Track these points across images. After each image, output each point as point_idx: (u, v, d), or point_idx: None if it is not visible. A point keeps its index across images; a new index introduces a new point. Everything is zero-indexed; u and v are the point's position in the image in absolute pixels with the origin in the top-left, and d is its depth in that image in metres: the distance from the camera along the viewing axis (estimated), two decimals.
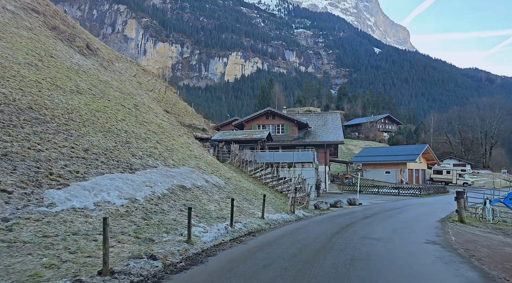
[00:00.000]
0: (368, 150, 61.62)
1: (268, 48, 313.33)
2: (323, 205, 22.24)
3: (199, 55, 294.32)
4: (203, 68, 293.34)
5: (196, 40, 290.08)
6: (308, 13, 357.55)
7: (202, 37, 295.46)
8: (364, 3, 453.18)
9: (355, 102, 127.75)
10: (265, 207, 16.38)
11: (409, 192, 37.74)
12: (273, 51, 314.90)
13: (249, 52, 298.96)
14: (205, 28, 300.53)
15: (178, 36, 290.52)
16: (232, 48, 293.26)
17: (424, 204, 28.76)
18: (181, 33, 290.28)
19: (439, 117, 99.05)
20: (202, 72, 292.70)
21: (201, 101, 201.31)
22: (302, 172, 30.14)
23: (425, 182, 58.91)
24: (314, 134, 41.50)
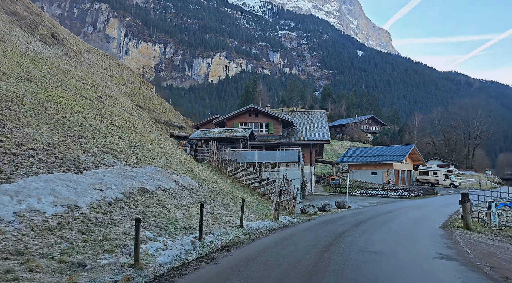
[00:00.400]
0: (353, 151, 59.85)
1: (252, 49, 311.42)
2: (311, 209, 19.94)
3: (182, 55, 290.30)
4: (187, 69, 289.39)
5: (180, 40, 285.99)
6: (292, 15, 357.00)
7: (186, 37, 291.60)
8: (347, 6, 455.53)
9: (339, 103, 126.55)
10: (245, 213, 13.95)
11: (398, 194, 35.87)
12: (257, 52, 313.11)
13: (233, 53, 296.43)
14: (188, 28, 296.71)
15: (161, 36, 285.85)
16: (216, 48, 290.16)
17: (416, 207, 26.78)
18: (165, 33, 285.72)
19: (423, 118, 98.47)
20: (185, 73, 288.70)
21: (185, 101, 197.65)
22: (287, 172, 27.82)
23: (411, 183, 57.44)
24: (299, 133, 39.30)
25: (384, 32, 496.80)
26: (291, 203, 17.94)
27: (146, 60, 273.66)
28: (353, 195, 37.84)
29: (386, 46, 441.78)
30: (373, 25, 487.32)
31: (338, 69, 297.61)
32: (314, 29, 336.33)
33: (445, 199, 35.13)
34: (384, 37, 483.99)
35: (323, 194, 37.72)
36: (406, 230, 14.83)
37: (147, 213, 10.24)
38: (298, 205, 24.37)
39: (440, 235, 13.45)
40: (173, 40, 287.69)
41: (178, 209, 11.65)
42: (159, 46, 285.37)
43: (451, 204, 29.38)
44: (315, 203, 27.32)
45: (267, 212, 15.96)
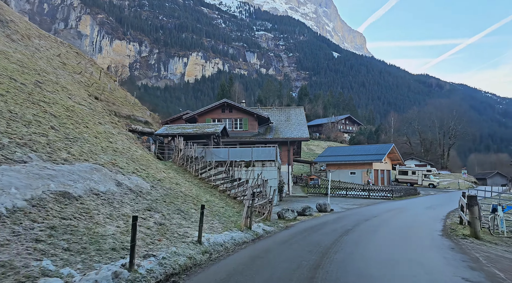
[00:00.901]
0: (332, 150, 57.64)
1: (229, 49, 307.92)
2: (289, 214, 17.09)
3: (158, 54, 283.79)
4: (162, 68, 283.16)
5: (155, 39, 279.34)
6: (269, 16, 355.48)
7: (162, 36, 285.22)
8: (323, 8, 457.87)
9: (316, 102, 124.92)
10: (209, 221, 10.96)
11: (380, 195, 33.60)
12: (234, 52, 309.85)
13: (210, 53, 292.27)
14: (164, 27, 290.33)
15: (136, 34, 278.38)
16: (193, 48, 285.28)
17: (402, 210, 24.38)
18: (140, 31, 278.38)
19: (399, 117, 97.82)
20: (161, 72, 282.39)
21: (160, 101, 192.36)
22: (263, 172, 24.91)
23: (390, 183, 55.69)
24: (276, 130, 36.51)
25: (359, 34, 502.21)
26: (266, 207, 15.01)
27: (120, 59, 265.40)
28: (333, 196, 35.37)
29: (361, 48, 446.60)
30: (348, 28, 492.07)
31: (314, 70, 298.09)
32: (291, 30, 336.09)
33: (428, 200, 33.09)
34: (359, 39, 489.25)
35: (302, 195, 35.05)
36: (404, 240, 12.19)
37: (59, 229, 7.07)
38: (275, 208, 21.52)
39: (450, 248, 10.82)
40: (148, 38, 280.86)
41: (112, 220, 8.49)
42: (134, 44, 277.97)
43: (437, 206, 27.23)
44: (294, 206, 24.55)
45: (237, 220, 12.96)
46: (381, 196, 33.48)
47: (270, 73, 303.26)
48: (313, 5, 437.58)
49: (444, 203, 29.84)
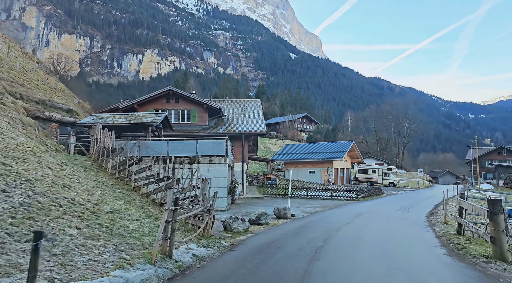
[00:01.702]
0: (290, 147, 53.93)
1: (186, 48, 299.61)
2: (239, 224, 12.57)
3: (111, 50, 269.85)
4: (116, 64, 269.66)
5: (108, 34, 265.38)
6: (227, 15, 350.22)
7: (115, 32, 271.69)
8: (280, 10, 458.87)
9: (273, 101, 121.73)
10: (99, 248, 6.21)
11: (344, 195, 30.00)
12: (191, 50, 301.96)
13: (166, 50, 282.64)
14: (118, 22, 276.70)
15: (87, 28, 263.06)
16: (148, 45, 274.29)
17: (374, 214, 20.66)
18: (91, 25, 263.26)
19: (356, 116, 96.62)
20: (114, 69, 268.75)
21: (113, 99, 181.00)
22: (210, 170, 20.29)
23: (350, 182, 52.87)
24: (229, 123, 31.93)
25: (315, 37, 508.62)
26: (205, 219, 10.33)
27: (70, 53, 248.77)
28: (292, 197, 31.34)
29: (317, 50, 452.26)
30: (305, 30, 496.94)
31: (272, 71, 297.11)
32: (249, 30, 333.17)
33: (395, 201, 29.92)
34: (315, 42, 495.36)
35: (257, 196, 30.71)
36: (405, 263, 8.12)
37: None
38: (223, 215, 16.97)
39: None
40: (101, 33, 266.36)
41: None
42: (85, 39, 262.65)
43: (409, 208, 23.87)
44: (248, 210, 20.12)
45: (153, 241, 8.19)
46: (345, 197, 29.89)
47: (228, 72, 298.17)
48: (271, 6, 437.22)
49: (413, 204, 26.67)
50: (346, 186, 35.87)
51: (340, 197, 29.97)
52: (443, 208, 22.63)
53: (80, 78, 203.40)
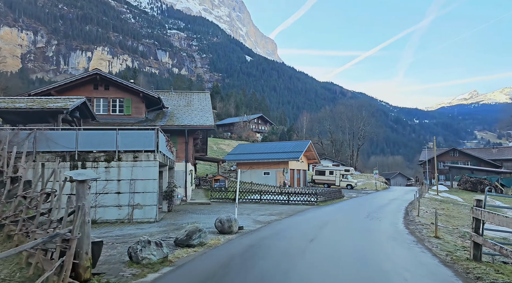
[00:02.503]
0: (243, 147, 49.69)
1: (139, 46, 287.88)
2: (151, 251, 7.91)
3: (57, 46, 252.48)
4: (62, 61, 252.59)
5: (54, 29, 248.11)
6: (182, 15, 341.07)
7: (61, 27, 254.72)
8: (236, 13, 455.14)
9: (228, 101, 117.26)
10: None
11: (302, 199, 26.12)
12: (145, 49, 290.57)
13: (118, 49, 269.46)
14: (65, 17, 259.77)
15: (30, 22, 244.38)
16: (98, 42, 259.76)
17: (342, 224, 16.84)
18: (35, 19, 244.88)
19: (312, 117, 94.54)
20: (60, 66, 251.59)
21: None
22: (135, 169, 15.44)
23: (306, 184, 49.58)
24: (171, 116, 27.07)
25: (270, 41, 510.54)
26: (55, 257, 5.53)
27: (10, 48, 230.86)
28: (244, 201, 27.03)
29: (272, 54, 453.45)
30: (261, 34, 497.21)
31: (228, 73, 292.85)
32: (204, 31, 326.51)
33: (358, 206, 26.51)
34: (270, 45, 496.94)
35: (203, 202, 26.04)
36: None
37: None
38: (149, 229, 12.34)
39: None
40: (45, 28, 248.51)
41: None
42: (27, 33, 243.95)
43: (376, 214, 20.37)
44: (186, 220, 15.56)
45: None
46: (304, 201, 26.02)
47: (183, 73, 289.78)
48: (227, 8, 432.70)
49: (379, 209, 23.29)
50: (305, 189, 32.16)
51: (298, 202, 26.06)
52: (418, 215, 19.31)
53: (22, 74, 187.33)
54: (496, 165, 57.36)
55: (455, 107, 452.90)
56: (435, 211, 15.56)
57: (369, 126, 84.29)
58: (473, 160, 60.07)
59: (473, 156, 60.96)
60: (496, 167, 56.56)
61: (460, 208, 29.38)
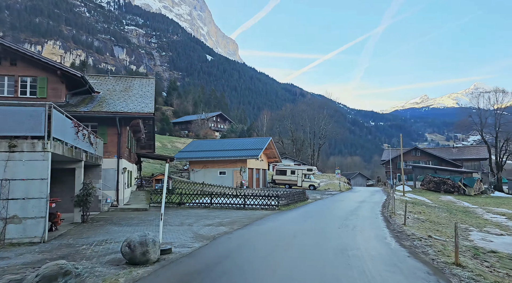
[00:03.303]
0: (197, 144, 44.59)
1: (94, 42, 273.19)
2: None
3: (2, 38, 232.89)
4: None
5: None
6: (141, 11, 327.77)
7: (8, 18, 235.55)
8: (198, 12, 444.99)
9: (185, 98, 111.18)
10: None
11: (261, 203, 21.66)
12: (100, 45, 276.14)
13: (71, 43, 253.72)
14: (11, 7, 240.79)
15: None
16: (49, 35, 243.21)
17: (314, 240, 12.54)
18: None
19: (272, 115, 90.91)
20: None
21: None
22: (11, 164, 10.22)
23: (266, 184, 45.37)
24: (101, 101, 21.73)
25: (231, 41, 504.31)
26: None
27: None
28: (191, 206, 22.17)
29: (233, 54, 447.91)
30: (222, 34, 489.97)
31: (188, 72, 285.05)
32: (164, 28, 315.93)
33: (325, 210, 22.50)
34: (231, 46, 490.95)
35: (139, 207, 20.87)
36: None
37: None
38: (16, 260, 7.27)
39: None
40: None
41: None
42: None
43: (353, 223, 16.34)
44: (90, 239, 10.51)
45: None
46: (263, 205, 21.58)
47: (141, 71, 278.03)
48: (188, 7, 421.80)
49: (350, 214, 19.33)
50: (264, 191, 27.79)
51: (256, 206, 21.58)
52: (404, 224, 15.38)
53: None
54: (457, 165, 56.25)
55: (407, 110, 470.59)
56: (417, 217, 11.69)
57: (330, 125, 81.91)
58: (435, 160, 58.72)
59: (434, 156, 59.65)
60: (457, 167, 55.38)
61: (435, 210, 26.26)
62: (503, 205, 35.83)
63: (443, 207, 29.85)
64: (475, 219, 23.10)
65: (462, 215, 25.07)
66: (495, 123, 58.87)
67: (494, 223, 21.54)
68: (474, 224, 20.29)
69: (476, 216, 25.35)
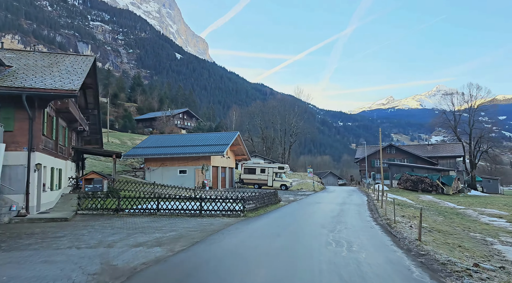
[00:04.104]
0: (155, 139, 39.08)
1: (57, 37, 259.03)
2: None
3: None
4: None
5: None
6: (107, 7, 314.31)
7: None
8: (167, 9, 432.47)
9: (150, 94, 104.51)
10: None
11: (222, 208, 16.84)
12: (63, 40, 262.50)
13: (31, 38, 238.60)
14: None
15: None
16: (7, 29, 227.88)
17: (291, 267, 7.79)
18: None
19: (242, 112, 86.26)
20: None
21: None
22: None
23: (233, 185, 40.59)
24: (7, 76, 16.26)
25: (201, 40, 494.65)
26: None
27: None
28: (130, 214, 16.96)
29: (203, 53, 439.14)
30: (192, 32, 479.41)
31: (156, 70, 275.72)
32: (132, 25, 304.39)
33: (301, 215, 18.01)
34: (202, 45, 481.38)
35: (59, 216, 15.48)
36: None
37: None
38: None
39: None
40: None
41: None
42: None
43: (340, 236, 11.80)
44: None
45: None
46: (224, 211, 16.75)
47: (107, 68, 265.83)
48: (157, 4, 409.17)
49: (337, 223, 14.89)
50: (230, 192, 22.99)
51: (215, 212, 16.73)
52: (419, 239, 10.95)
53: None
54: (433, 163, 53.69)
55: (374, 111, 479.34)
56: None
57: (302, 122, 78.21)
58: (410, 157, 55.97)
59: (410, 153, 56.94)
60: (433, 165, 52.77)
61: (427, 214, 22.40)
62: (488, 205, 32.82)
63: (431, 209, 26.15)
64: (479, 225, 19.32)
65: (458, 219, 21.29)
66: (469, 120, 56.88)
67: (502, 229, 17.81)
68: (483, 231, 16.39)
69: (473, 220, 21.65)
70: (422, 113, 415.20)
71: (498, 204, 33.09)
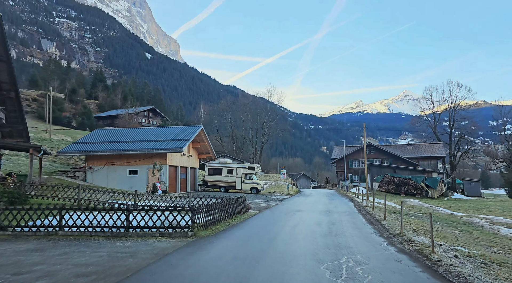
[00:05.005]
0: (103, 133, 32.50)
1: (19, 33, 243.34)
2: None
3: None
4: None
5: None
6: (74, 3, 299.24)
7: None
8: (137, 8, 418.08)
9: (113, 91, 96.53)
10: None
11: (159, 224, 11.08)
12: (26, 37, 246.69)
13: None
14: None
15: None
16: None
17: None
18: None
19: (210, 110, 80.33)
20: None
21: None
22: None
23: (196, 187, 34.63)
24: None
25: (173, 41, 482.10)
26: None
27: None
28: (16, 234, 10.81)
29: (175, 54, 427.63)
30: (163, 33, 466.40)
31: (125, 69, 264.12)
32: (100, 23, 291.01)
33: (278, 233, 12.46)
34: (173, 45, 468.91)
35: None
36: None
37: None
38: None
39: None
40: None
41: None
42: None
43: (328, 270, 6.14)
44: None
45: None
46: (163, 228, 10.96)
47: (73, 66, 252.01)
48: (127, 3, 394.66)
49: (336, 254, 9.41)
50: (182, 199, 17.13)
51: (150, 229, 10.89)
52: None
53: None
54: (414, 164, 49.89)
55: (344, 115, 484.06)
56: None
57: (274, 122, 73.25)
58: (390, 158, 51.96)
59: (389, 153, 52.92)
60: (414, 166, 48.92)
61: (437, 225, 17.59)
62: (485, 210, 28.68)
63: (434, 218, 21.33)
64: (499, 238, 14.58)
65: (477, 233, 16.49)
66: (449, 119, 53.61)
67: None
68: None
69: (493, 233, 16.93)
70: (390, 117, 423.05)
71: (495, 210, 28.92)
